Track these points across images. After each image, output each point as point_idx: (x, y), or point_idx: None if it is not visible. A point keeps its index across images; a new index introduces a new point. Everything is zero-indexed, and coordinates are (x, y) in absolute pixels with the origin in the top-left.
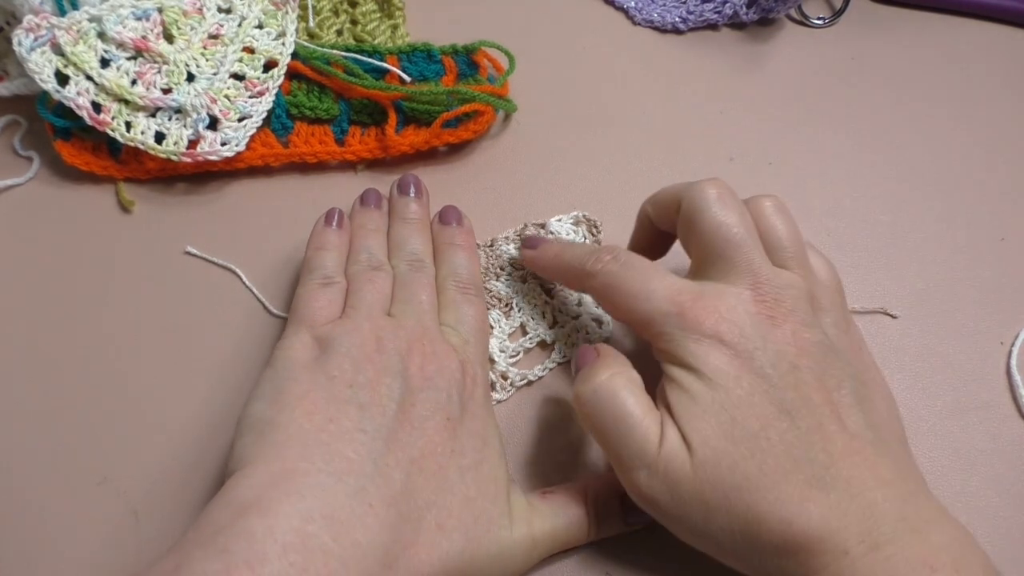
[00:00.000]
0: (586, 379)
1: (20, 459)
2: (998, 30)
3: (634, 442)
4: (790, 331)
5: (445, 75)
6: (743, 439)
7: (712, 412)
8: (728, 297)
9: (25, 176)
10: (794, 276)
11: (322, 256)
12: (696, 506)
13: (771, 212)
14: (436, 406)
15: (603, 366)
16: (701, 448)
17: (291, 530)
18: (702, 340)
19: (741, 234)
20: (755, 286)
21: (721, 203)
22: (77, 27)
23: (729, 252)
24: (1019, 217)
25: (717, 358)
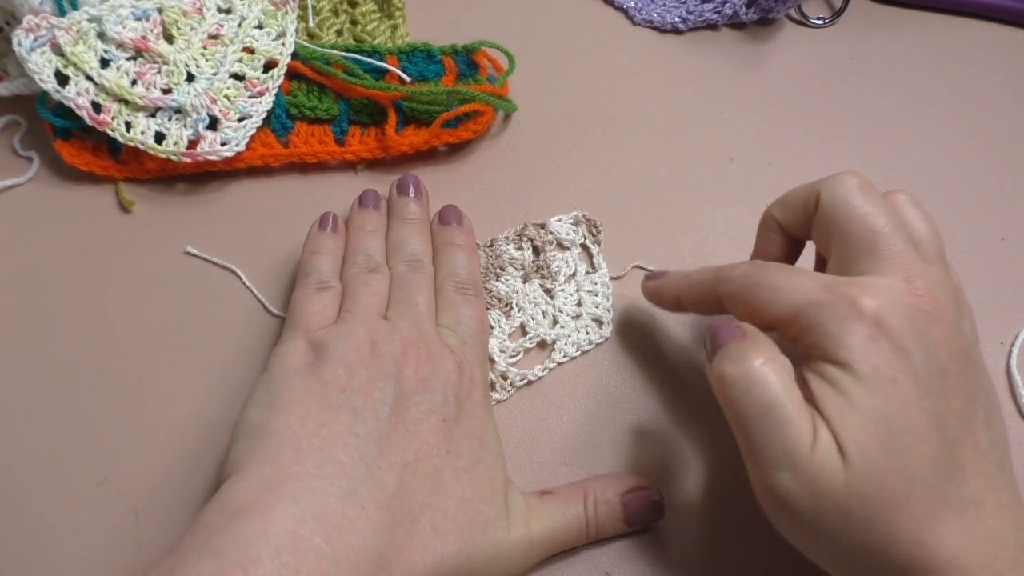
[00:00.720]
0: (736, 359)
1: (20, 459)
2: (998, 30)
3: (784, 439)
4: (942, 331)
5: (445, 75)
6: (898, 453)
7: (871, 420)
8: (885, 287)
9: (25, 176)
10: (943, 274)
11: (317, 260)
12: (836, 519)
13: (909, 206)
14: (431, 408)
15: (755, 348)
16: (857, 459)
17: (284, 533)
18: (859, 330)
19: (890, 225)
20: (909, 280)
21: (865, 194)
22: (77, 27)
23: (879, 244)
24: (1019, 217)
25: (875, 354)
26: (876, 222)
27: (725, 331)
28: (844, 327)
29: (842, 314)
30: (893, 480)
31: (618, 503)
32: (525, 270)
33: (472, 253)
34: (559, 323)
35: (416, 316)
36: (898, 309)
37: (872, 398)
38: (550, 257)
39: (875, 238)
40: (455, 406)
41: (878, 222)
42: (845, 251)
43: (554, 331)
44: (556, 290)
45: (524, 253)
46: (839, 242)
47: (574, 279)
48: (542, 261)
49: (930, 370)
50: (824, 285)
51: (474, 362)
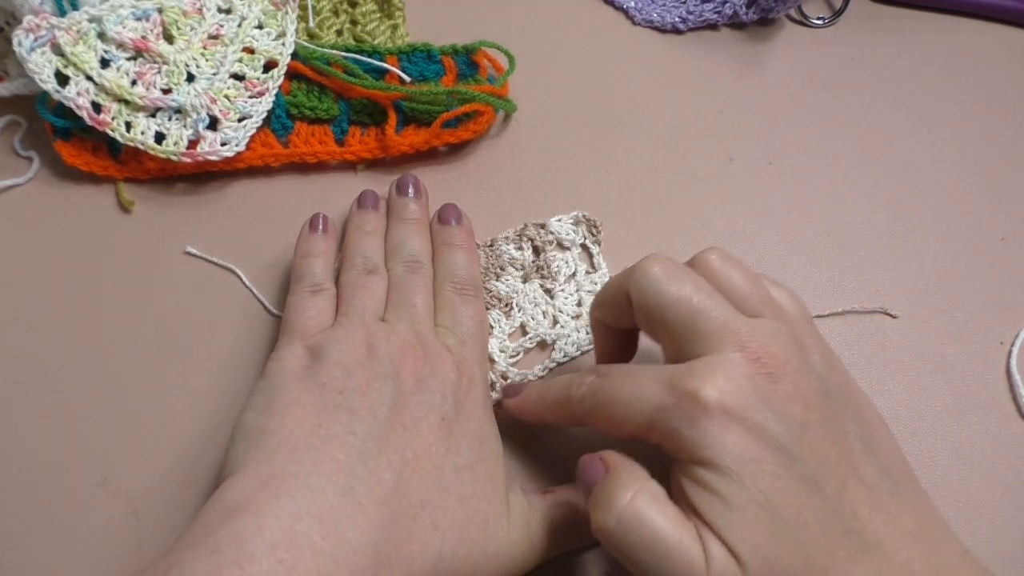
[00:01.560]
0: (604, 507)
1: (20, 459)
2: (998, 30)
3: (676, 568)
4: (791, 384)
5: (445, 75)
6: (786, 535)
7: (751, 513)
8: (720, 366)
9: (25, 176)
10: (773, 323)
11: (309, 263)
12: None
13: (720, 265)
14: (430, 407)
15: (618, 485)
16: (752, 559)
17: (279, 529)
18: (710, 425)
19: (705, 300)
20: (741, 346)
21: (670, 277)
22: (77, 27)
23: (700, 323)
24: (1019, 217)
25: (733, 442)
26: (691, 302)
27: (589, 471)
28: (695, 427)
29: (689, 414)
30: (791, 561)
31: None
32: (525, 270)
33: (471, 253)
34: (559, 323)
35: (414, 318)
36: (739, 385)
37: (745, 490)
38: (550, 257)
39: (695, 319)
40: (454, 405)
41: (692, 302)
42: (672, 339)
43: (554, 331)
44: (556, 290)
45: (524, 253)
46: (663, 332)
47: (574, 279)
48: (542, 261)
49: (791, 432)
50: (666, 386)
51: (473, 362)
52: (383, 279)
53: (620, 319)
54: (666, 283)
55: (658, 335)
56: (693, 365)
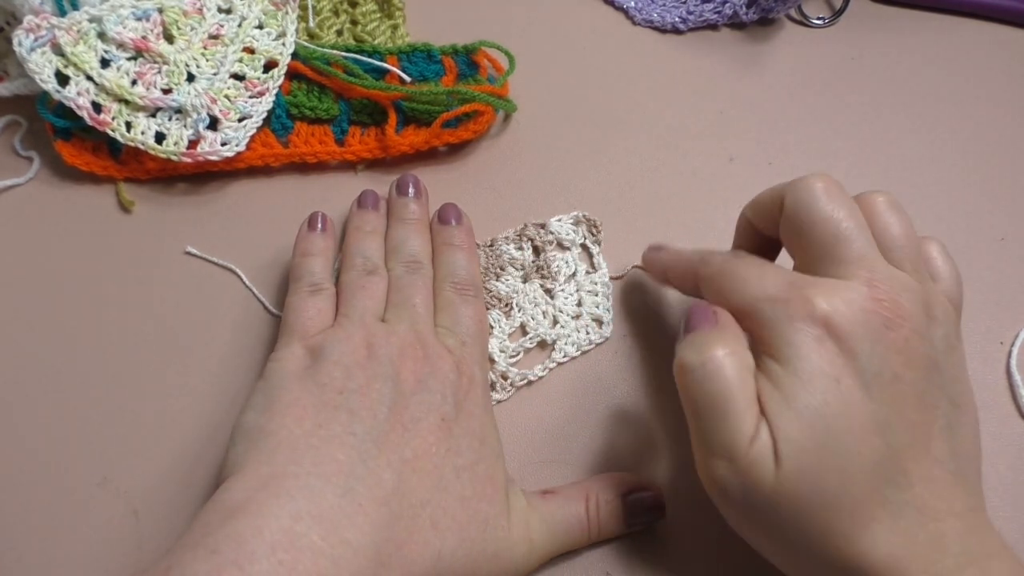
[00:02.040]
0: (698, 347)
1: (20, 459)
2: (998, 30)
3: (725, 431)
4: (902, 338)
5: (445, 75)
6: (833, 455)
7: (807, 418)
8: (843, 289)
9: (25, 176)
10: (911, 279)
11: (308, 262)
12: (768, 512)
13: (884, 208)
14: (430, 408)
15: (720, 339)
16: (788, 458)
17: (279, 530)
18: (807, 330)
19: (853, 229)
20: (871, 284)
21: (829, 197)
22: (77, 27)
23: (841, 249)
24: (1019, 217)
25: (820, 355)
26: (839, 226)
27: (699, 315)
28: (792, 325)
29: (793, 313)
30: (827, 480)
31: (619, 503)
32: (525, 270)
33: (471, 253)
34: (559, 323)
35: (413, 318)
36: (853, 313)
37: (811, 397)
38: (550, 257)
39: (837, 242)
40: (454, 406)
41: (841, 226)
42: (809, 255)
43: (554, 331)
44: (556, 290)
45: (524, 253)
46: (803, 246)
47: (574, 279)
48: (542, 261)
49: (881, 375)
50: (786, 283)
51: (473, 362)
52: (383, 279)
53: (767, 225)
54: (823, 199)
55: (796, 248)
56: (819, 280)
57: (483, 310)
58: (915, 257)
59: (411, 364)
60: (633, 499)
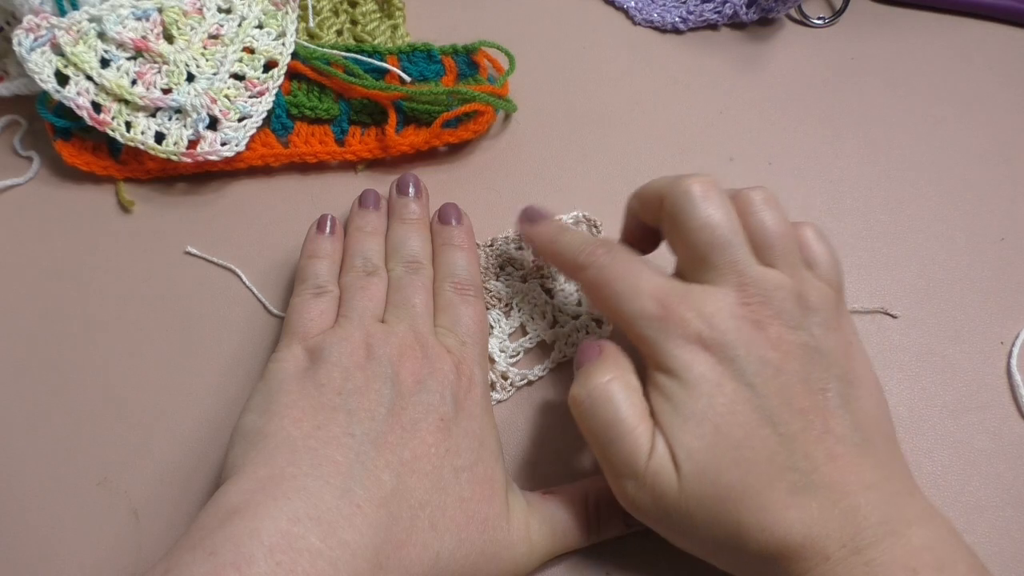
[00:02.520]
0: (583, 380)
1: (20, 459)
2: (998, 30)
3: (623, 451)
4: (775, 334)
5: (445, 75)
6: (726, 449)
7: (695, 422)
8: (713, 299)
9: (25, 176)
10: (781, 276)
11: (315, 265)
12: (682, 517)
13: (759, 207)
14: (429, 408)
15: (602, 368)
16: (686, 463)
17: (277, 532)
18: (684, 344)
19: (725, 235)
20: (740, 288)
21: (706, 201)
22: (77, 27)
23: (714, 254)
24: (1019, 217)
25: (700, 364)
26: (713, 232)
27: (585, 352)
28: (671, 342)
29: (669, 330)
30: (726, 475)
31: (619, 504)
32: (525, 270)
33: (471, 252)
34: (559, 323)
35: (413, 318)
36: (724, 321)
37: (696, 400)
38: None
39: (710, 248)
40: (453, 406)
41: (715, 233)
42: (687, 256)
43: (554, 331)
44: (556, 290)
45: (524, 253)
46: (681, 248)
47: None
48: (542, 261)
49: (761, 373)
50: (658, 297)
51: (472, 362)
52: (383, 280)
53: (650, 217)
54: (698, 204)
55: (676, 247)
56: (692, 288)
57: (483, 310)
58: (789, 252)
59: (410, 364)
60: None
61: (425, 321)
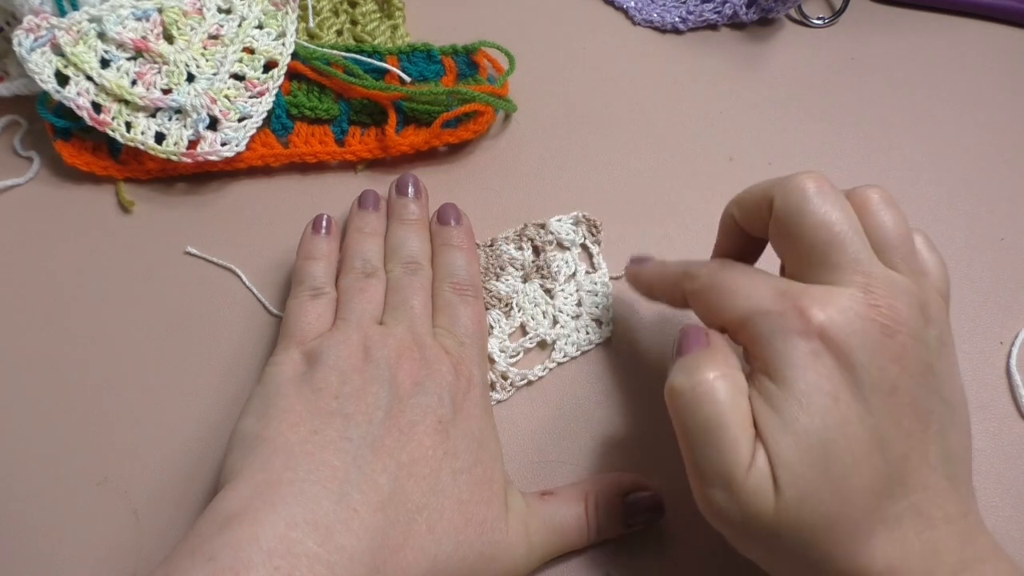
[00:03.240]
0: (688, 371)
1: (20, 459)
2: (998, 30)
3: (720, 459)
4: (900, 344)
5: (445, 75)
6: (833, 476)
7: (806, 443)
8: (840, 297)
9: (25, 176)
10: (907, 280)
11: (311, 266)
12: (769, 539)
13: (878, 206)
14: (426, 410)
15: (710, 361)
16: (788, 487)
17: (275, 537)
18: (802, 344)
19: (847, 232)
20: (867, 289)
21: (821, 198)
22: (77, 27)
23: (834, 254)
24: (1019, 217)
25: (816, 370)
26: (831, 229)
27: (691, 338)
28: (787, 341)
29: (788, 326)
30: (827, 504)
31: (618, 504)
32: (525, 270)
33: (471, 253)
34: (559, 323)
35: (411, 319)
36: (850, 322)
37: (809, 419)
38: (550, 257)
39: (830, 246)
40: (451, 407)
41: (833, 229)
42: (801, 259)
43: (554, 331)
44: (556, 290)
45: (524, 253)
46: (795, 250)
47: (574, 279)
48: (542, 261)
49: (879, 387)
50: (778, 293)
51: (471, 363)
52: (381, 282)
53: (754, 224)
54: (816, 200)
55: (786, 251)
56: (813, 287)
57: (482, 311)
58: (910, 255)
59: (408, 366)
60: (632, 500)
61: (423, 322)
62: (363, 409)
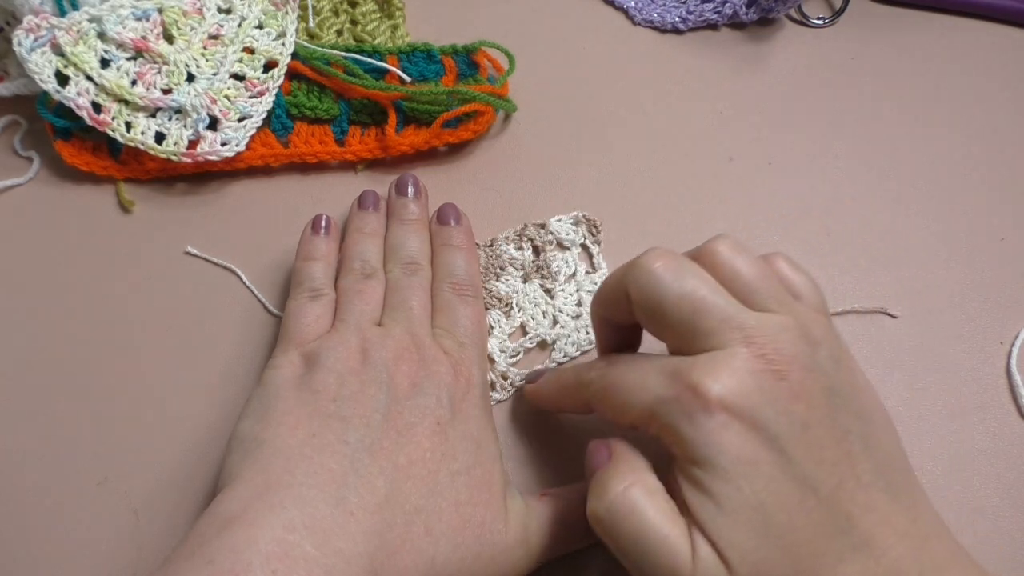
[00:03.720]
0: (599, 493)
1: (20, 459)
2: (998, 30)
3: (660, 562)
4: (797, 382)
5: (445, 75)
6: (776, 537)
7: (743, 516)
8: (724, 361)
9: (25, 176)
10: (780, 317)
11: (310, 267)
12: None
13: (727, 257)
14: (424, 412)
15: (616, 475)
16: (740, 565)
17: (273, 540)
18: (710, 423)
19: (708, 297)
20: (748, 342)
21: (672, 273)
22: (77, 27)
23: (704, 320)
24: (1019, 217)
25: (731, 442)
26: (692, 300)
27: (594, 456)
28: (693, 423)
29: (688, 409)
30: (781, 564)
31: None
32: (525, 270)
33: (471, 253)
34: (559, 323)
35: (410, 320)
36: (744, 382)
37: (740, 493)
38: (550, 257)
39: (698, 315)
40: (450, 409)
41: (694, 298)
42: (675, 336)
43: (554, 331)
44: (556, 290)
45: (524, 253)
46: (666, 329)
47: (574, 279)
48: (542, 261)
49: (791, 433)
50: (667, 376)
51: (470, 363)
52: (380, 283)
53: (620, 315)
54: (667, 280)
55: (661, 332)
56: (698, 359)
57: (482, 311)
58: (776, 292)
59: (406, 368)
60: None
61: (422, 323)
62: (361, 412)
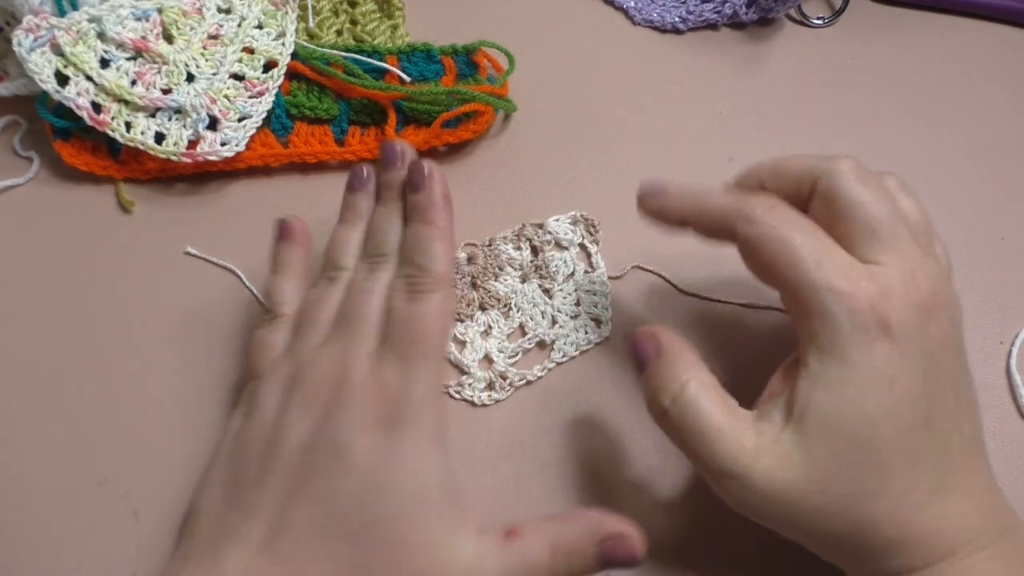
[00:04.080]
0: (657, 390)
1: (20, 459)
2: (998, 30)
3: (722, 456)
4: (939, 327)
5: (445, 75)
6: (879, 450)
7: (855, 421)
8: (894, 282)
9: (25, 176)
10: (935, 264)
11: (273, 282)
12: (801, 514)
13: (900, 192)
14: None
15: (672, 370)
16: (823, 461)
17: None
18: (868, 331)
19: (891, 214)
20: (911, 274)
21: (863, 181)
22: (77, 27)
23: (881, 234)
24: (1019, 217)
25: (878, 356)
26: (877, 211)
27: (644, 349)
28: (853, 322)
29: (854, 308)
30: (868, 475)
31: (591, 553)
32: (524, 270)
33: (438, 226)
34: (558, 323)
35: (350, 340)
36: (905, 308)
37: (865, 397)
38: (548, 257)
39: (877, 229)
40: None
41: (879, 211)
42: (848, 238)
43: (553, 331)
44: (555, 290)
45: (522, 253)
46: (841, 229)
47: (572, 279)
48: (540, 261)
49: (928, 370)
50: (846, 272)
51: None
52: (344, 285)
53: (786, 196)
54: (859, 183)
55: (831, 228)
56: (874, 269)
57: (440, 308)
58: (932, 238)
59: (312, 414)
60: (607, 548)
61: (365, 340)
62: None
